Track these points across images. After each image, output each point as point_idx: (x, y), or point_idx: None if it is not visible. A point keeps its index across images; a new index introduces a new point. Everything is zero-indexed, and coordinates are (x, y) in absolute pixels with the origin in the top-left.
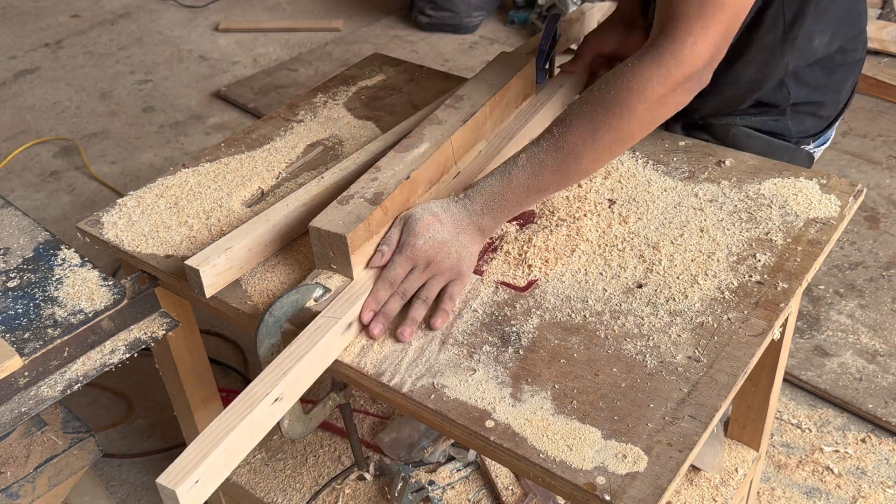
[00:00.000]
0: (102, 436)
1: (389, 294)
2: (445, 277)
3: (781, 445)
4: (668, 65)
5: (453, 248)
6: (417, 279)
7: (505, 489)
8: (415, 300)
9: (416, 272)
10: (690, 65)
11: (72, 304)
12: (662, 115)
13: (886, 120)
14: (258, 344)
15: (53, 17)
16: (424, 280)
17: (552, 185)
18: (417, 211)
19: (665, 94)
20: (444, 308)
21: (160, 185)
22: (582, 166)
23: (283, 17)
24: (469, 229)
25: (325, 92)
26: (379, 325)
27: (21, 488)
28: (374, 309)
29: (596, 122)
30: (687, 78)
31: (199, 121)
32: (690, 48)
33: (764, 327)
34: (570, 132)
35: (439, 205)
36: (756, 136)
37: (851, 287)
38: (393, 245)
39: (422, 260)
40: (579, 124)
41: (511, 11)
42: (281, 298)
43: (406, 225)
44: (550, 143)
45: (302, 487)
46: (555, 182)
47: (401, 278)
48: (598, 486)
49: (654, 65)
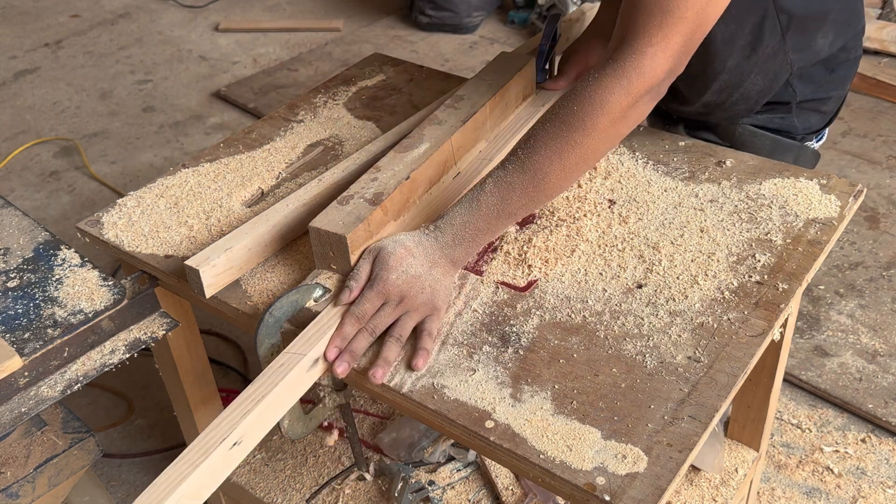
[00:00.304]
0: (102, 436)
1: (356, 330)
2: (420, 313)
3: (781, 445)
4: (629, 77)
5: (427, 283)
6: (389, 315)
7: (505, 489)
8: (387, 338)
9: (388, 308)
10: (651, 76)
11: (72, 304)
12: (625, 128)
13: (886, 120)
14: (258, 344)
15: (53, 17)
16: (396, 316)
17: (521, 208)
18: (388, 244)
19: (627, 106)
20: (424, 347)
21: (160, 185)
22: (549, 186)
23: (283, 17)
24: (441, 262)
25: (325, 92)
26: (344, 364)
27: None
28: (340, 346)
29: (560, 140)
30: (647, 90)
31: (199, 121)
32: (651, 59)
33: (764, 327)
34: (535, 153)
35: (411, 238)
36: (762, 134)
37: (851, 287)
38: (362, 280)
39: (394, 295)
40: (544, 144)
41: (511, 11)
42: (281, 298)
43: (378, 258)
44: (516, 166)
45: (302, 487)
46: (523, 205)
47: (370, 314)
48: (598, 486)
49: (615, 77)
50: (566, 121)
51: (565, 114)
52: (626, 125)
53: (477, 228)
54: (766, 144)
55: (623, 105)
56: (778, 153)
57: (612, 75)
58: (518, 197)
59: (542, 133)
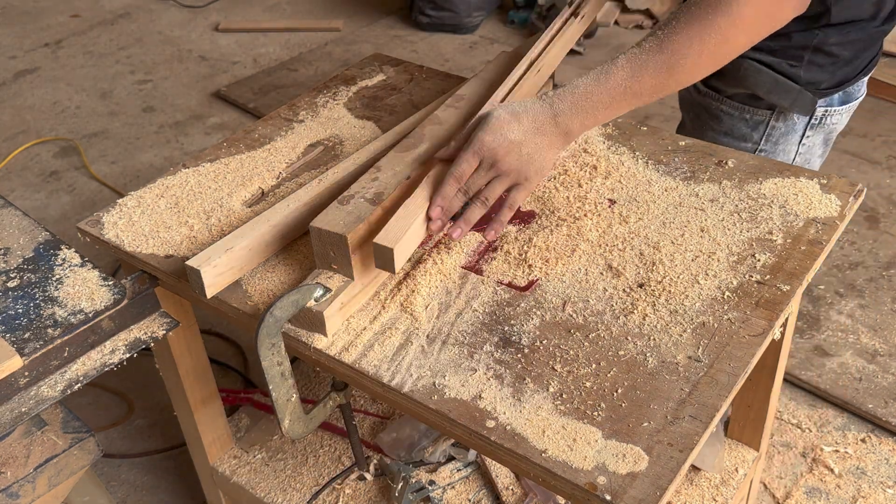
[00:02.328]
0: (102, 436)
1: (456, 190)
2: (511, 179)
3: (781, 445)
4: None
5: (525, 150)
6: (482, 178)
7: (505, 489)
8: (474, 200)
9: (482, 170)
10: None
11: (72, 304)
12: (768, 26)
13: (886, 120)
14: (259, 344)
15: (53, 17)
16: (489, 179)
17: (650, 90)
18: (497, 108)
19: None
20: (500, 219)
21: (160, 185)
22: (684, 71)
23: (283, 17)
24: (550, 131)
25: (326, 92)
26: (438, 222)
27: (21, 488)
28: (441, 205)
29: (704, 23)
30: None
31: (199, 121)
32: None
33: (764, 327)
34: (676, 33)
35: (521, 104)
36: (766, 72)
37: (851, 287)
38: (461, 140)
39: (488, 157)
40: (687, 25)
41: (511, 11)
42: (281, 298)
43: (482, 120)
44: (654, 45)
45: (302, 487)
46: (653, 86)
47: (467, 174)
48: (599, 485)
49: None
50: (712, 4)
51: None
52: (769, 22)
53: (599, 101)
54: (767, 82)
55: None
56: (777, 93)
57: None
58: (650, 76)
59: (685, 15)
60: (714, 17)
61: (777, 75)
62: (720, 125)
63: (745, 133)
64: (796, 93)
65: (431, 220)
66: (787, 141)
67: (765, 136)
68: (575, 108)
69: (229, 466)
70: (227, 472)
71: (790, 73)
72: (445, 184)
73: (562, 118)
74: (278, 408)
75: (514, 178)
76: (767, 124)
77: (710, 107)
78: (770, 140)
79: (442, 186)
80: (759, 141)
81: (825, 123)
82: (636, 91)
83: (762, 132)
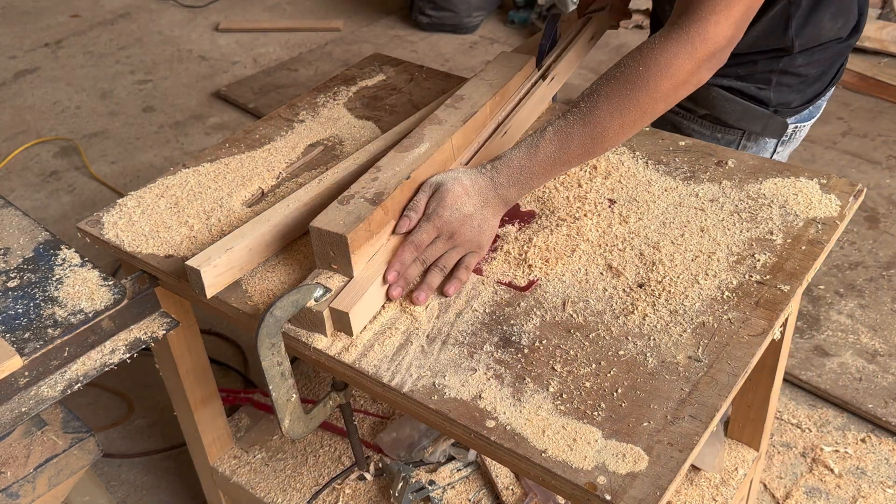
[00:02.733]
0: (102, 436)
1: (413, 258)
2: (465, 248)
3: (781, 445)
4: (693, 42)
5: (475, 222)
6: (439, 248)
7: (505, 489)
8: (433, 267)
9: (440, 242)
10: (714, 42)
11: (72, 304)
12: (685, 91)
13: (886, 120)
14: (259, 344)
15: (53, 17)
16: (445, 250)
17: (577, 158)
18: (448, 181)
19: (690, 71)
20: (458, 277)
21: (160, 185)
22: (607, 140)
23: (283, 17)
24: (493, 202)
25: (326, 92)
26: (398, 288)
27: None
28: (399, 270)
29: (623, 98)
30: (710, 56)
31: (199, 121)
32: (714, 26)
33: (764, 327)
34: (597, 107)
35: (468, 177)
36: (735, 100)
37: (851, 287)
38: (419, 211)
39: (447, 231)
40: (607, 100)
41: (511, 11)
42: (281, 298)
43: (437, 193)
44: (578, 118)
45: (302, 487)
46: (579, 155)
47: (426, 244)
48: (599, 485)
49: (681, 42)
50: (630, 80)
51: (630, 74)
52: (686, 89)
53: (532, 172)
54: (736, 110)
55: (687, 69)
56: (747, 120)
57: (678, 40)
58: (576, 147)
59: (606, 89)
60: (633, 93)
61: (746, 103)
62: None
63: None
64: (766, 118)
65: (387, 283)
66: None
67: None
68: (511, 179)
69: (229, 466)
70: (227, 472)
71: (760, 95)
72: (404, 250)
73: (501, 190)
74: (278, 408)
75: (468, 247)
76: (739, 144)
77: (682, 125)
78: None
79: (400, 252)
80: None
81: (794, 139)
82: (565, 160)
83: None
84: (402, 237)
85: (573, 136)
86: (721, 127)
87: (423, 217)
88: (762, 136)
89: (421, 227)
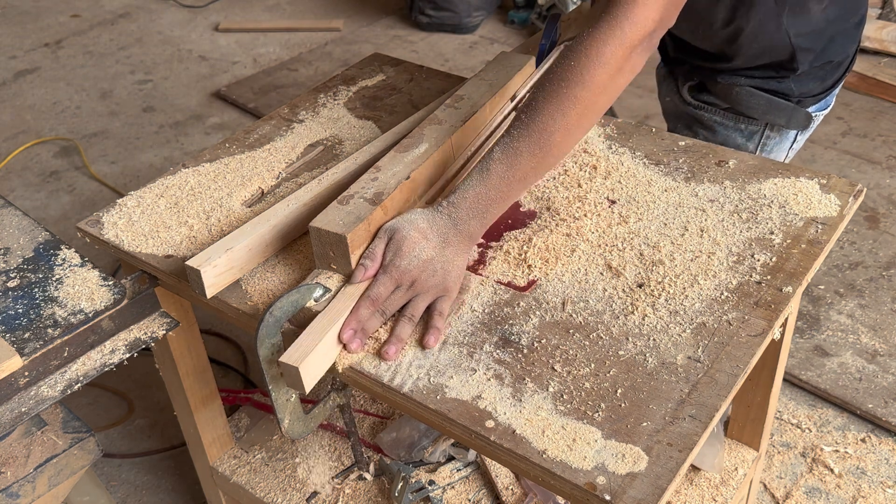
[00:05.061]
0: (102, 436)
1: (371, 312)
2: (432, 295)
3: (781, 445)
4: (622, 26)
5: (438, 265)
6: (401, 298)
7: (505, 489)
8: (401, 318)
9: (400, 291)
10: (643, 25)
11: (72, 304)
12: (622, 80)
13: (886, 120)
14: (258, 344)
15: (53, 17)
16: (408, 299)
17: (531, 172)
18: (404, 226)
19: (622, 57)
20: (435, 326)
21: (160, 185)
22: (555, 146)
23: (283, 17)
24: (454, 240)
25: (325, 92)
26: (357, 341)
27: (21, 488)
28: (355, 328)
29: (560, 96)
30: (640, 40)
31: (199, 121)
32: (642, 9)
33: (764, 327)
34: (537, 113)
35: (425, 218)
36: (759, 94)
37: (851, 287)
38: (377, 260)
39: (406, 280)
40: (545, 103)
41: (511, 11)
42: (281, 298)
43: (392, 242)
44: (521, 130)
45: (302, 487)
46: (532, 167)
47: (384, 297)
48: (599, 485)
49: (609, 28)
50: (564, 77)
51: (563, 70)
52: (622, 77)
53: (489, 199)
54: (760, 104)
55: (619, 56)
56: (772, 113)
57: (606, 27)
58: (526, 160)
59: (542, 93)
60: (570, 90)
61: (770, 96)
62: (715, 136)
63: (741, 143)
64: (791, 111)
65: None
66: (780, 148)
67: (760, 145)
68: (470, 212)
69: (229, 466)
70: (227, 472)
71: (782, 88)
72: (360, 307)
73: (462, 226)
74: (278, 408)
75: (434, 293)
76: (762, 134)
77: (704, 118)
78: (765, 150)
79: (356, 309)
80: (753, 151)
81: (811, 127)
82: (519, 177)
83: (757, 142)
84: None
85: (521, 150)
86: (745, 118)
87: (381, 268)
88: (787, 128)
89: (378, 280)
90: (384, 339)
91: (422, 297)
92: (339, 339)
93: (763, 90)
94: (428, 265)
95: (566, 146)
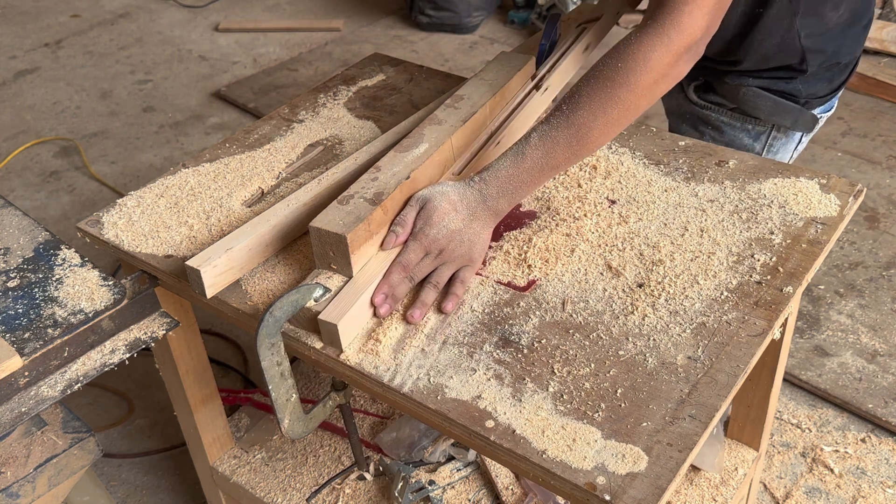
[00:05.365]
0: (102, 436)
1: (402, 277)
2: (457, 264)
3: (781, 445)
4: (669, 34)
5: (466, 237)
6: (428, 265)
7: (505, 489)
8: (426, 284)
9: (428, 259)
10: (689, 33)
11: (72, 304)
12: (665, 85)
13: (886, 120)
14: (258, 344)
15: (53, 17)
16: (435, 266)
17: (564, 162)
18: (435, 196)
19: (668, 64)
20: (455, 292)
21: (160, 185)
22: (592, 140)
23: (283, 17)
24: (482, 215)
25: (325, 92)
26: (386, 306)
27: (21, 488)
28: (386, 292)
29: (604, 96)
30: (687, 48)
31: (199, 121)
32: (689, 17)
33: (764, 327)
34: (579, 108)
35: (456, 191)
36: (766, 96)
37: (851, 287)
38: (407, 227)
39: (435, 248)
40: (588, 100)
41: (511, 11)
42: (281, 298)
43: (423, 210)
44: (561, 121)
45: (302, 487)
46: (567, 158)
47: (414, 263)
48: (599, 485)
49: (657, 36)
50: (610, 77)
51: (609, 71)
52: (666, 83)
53: (521, 181)
54: (767, 105)
55: (665, 62)
56: (778, 114)
57: (654, 34)
58: (562, 151)
59: (587, 89)
60: (614, 90)
61: (777, 98)
62: (722, 136)
63: (748, 144)
64: (797, 113)
65: (375, 305)
66: (785, 150)
67: (766, 146)
68: (500, 191)
69: (229, 466)
70: (227, 472)
71: (790, 89)
72: (392, 272)
73: (491, 202)
74: (278, 408)
75: (459, 262)
76: (769, 135)
77: (710, 118)
78: (771, 150)
79: (388, 274)
80: (760, 151)
81: (815, 127)
82: (552, 165)
83: (764, 142)
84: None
85: (558, 140)
86: (752, 119)
87: (411, 236)
88: (794, 129)
89: (408, 246)
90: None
91: (447, 266)
92: (371, 302)
93: (770, 91)
94: (456, 235)
95: (601, 142)
